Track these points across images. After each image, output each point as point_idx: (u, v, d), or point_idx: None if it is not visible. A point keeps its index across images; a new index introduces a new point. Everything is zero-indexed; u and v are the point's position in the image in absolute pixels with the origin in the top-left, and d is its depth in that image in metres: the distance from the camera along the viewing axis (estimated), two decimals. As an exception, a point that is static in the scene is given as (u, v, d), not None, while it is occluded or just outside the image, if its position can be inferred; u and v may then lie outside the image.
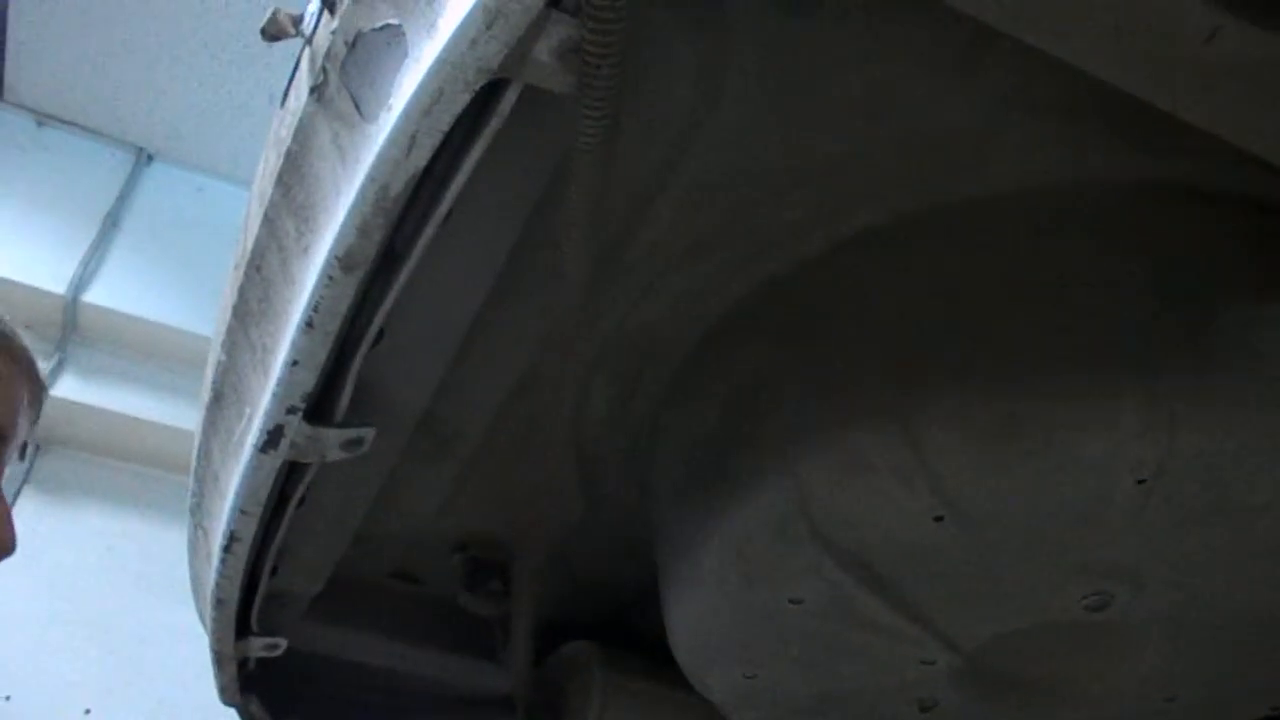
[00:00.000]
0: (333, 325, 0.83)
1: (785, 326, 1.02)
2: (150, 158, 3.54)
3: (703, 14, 0.80)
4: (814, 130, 0.90)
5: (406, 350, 0.94)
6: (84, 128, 3.49)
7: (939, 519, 0.90)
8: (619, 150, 0.88)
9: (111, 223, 3.32)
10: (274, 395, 0.91)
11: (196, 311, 3.20)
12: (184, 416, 3.34)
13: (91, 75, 3.32)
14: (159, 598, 3.12)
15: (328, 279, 0.80)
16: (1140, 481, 0.86)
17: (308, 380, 0.88)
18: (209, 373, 1.16)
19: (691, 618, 1.10)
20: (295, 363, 0.87)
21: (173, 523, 3.31)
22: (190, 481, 1.30)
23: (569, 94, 0.66)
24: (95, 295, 3.17)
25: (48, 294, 3.03)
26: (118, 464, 3.28)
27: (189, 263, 3.32)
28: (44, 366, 3.10)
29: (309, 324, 0.84)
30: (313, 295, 0.82)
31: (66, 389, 3.09)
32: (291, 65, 0.93)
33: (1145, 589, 0.97)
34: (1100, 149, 0.90)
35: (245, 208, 1.06)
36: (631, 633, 1.50)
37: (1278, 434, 0.85)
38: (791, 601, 1.01)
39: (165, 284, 3.29)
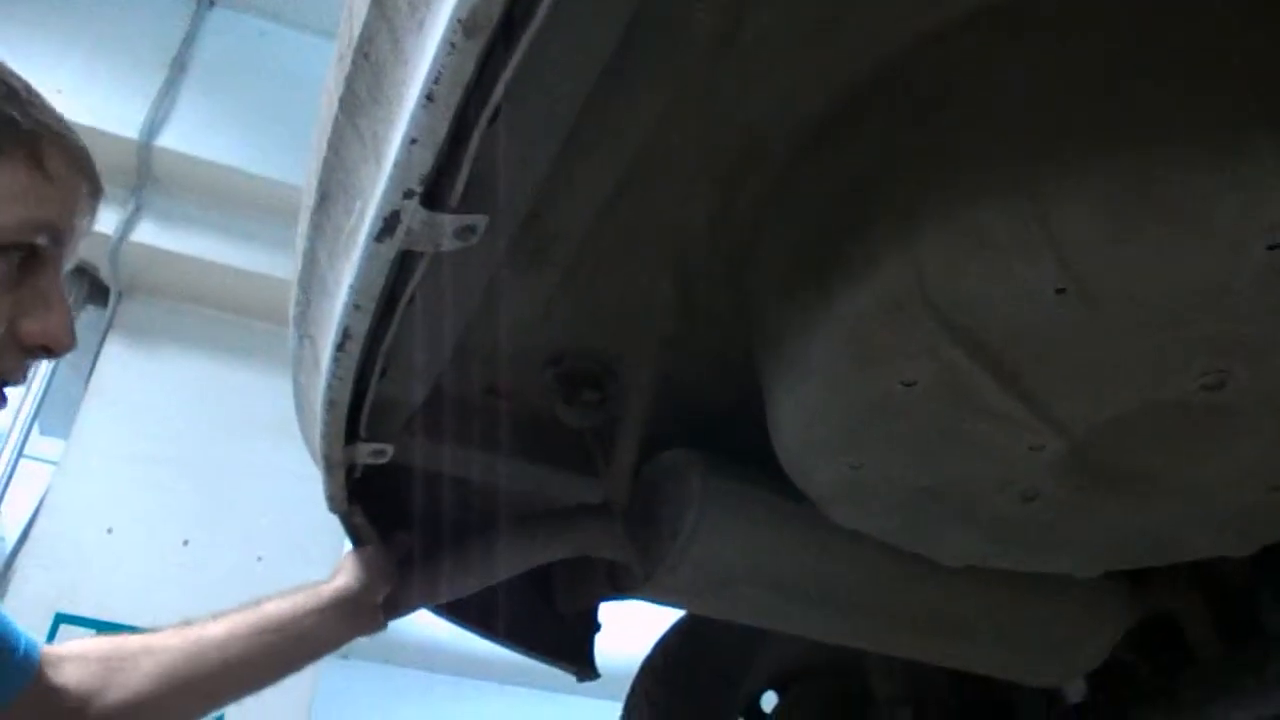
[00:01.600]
0: (454, 97, 0.82)
1: (902, 111, 1.00)
2: (212, 1, 3.51)
3: None
4: None
5: (520, 132, 0.93)
6: (146, -29, 3.46)
7: (1061, 291, 0.89)
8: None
9: (179, 67, 3.31)
10: (390, 179, 0.91)
11: (268, 156, 3.21)
12: (259, 261, 3.41)
13: (150, -84, 3.27)
14: (244, 438, 3.23)
15: (449, 46, 0.79)
16: (1273, 246, 0.84)
17: (426, 159, 0.88)
18: (311, 178, 1.16)
19: (799, 408, 1.11)
20: (414, 141, 0.86)
21: (250, 366, 3.41)
22: (294, 291, 1.31)
23: None
24: (168, 140, 3.19)
25: (121, 139, 3.05)
26: (197, 309, 3.35)
27: (256, 108, 3.32)
28: (120, 213, 3.16)
29: (429, 97, 0.83)
30: (434, 66, 0.81)
31: (144, 234, 3.14)
32: None
33: (1265, 367, 0.96)
34: None
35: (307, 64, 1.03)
36: (729, 441, 1.51)
37: None
38: (904, 384, 1.01)
39: (235, 128, 3.30)
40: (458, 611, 1.75)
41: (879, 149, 1.01)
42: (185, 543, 3.08)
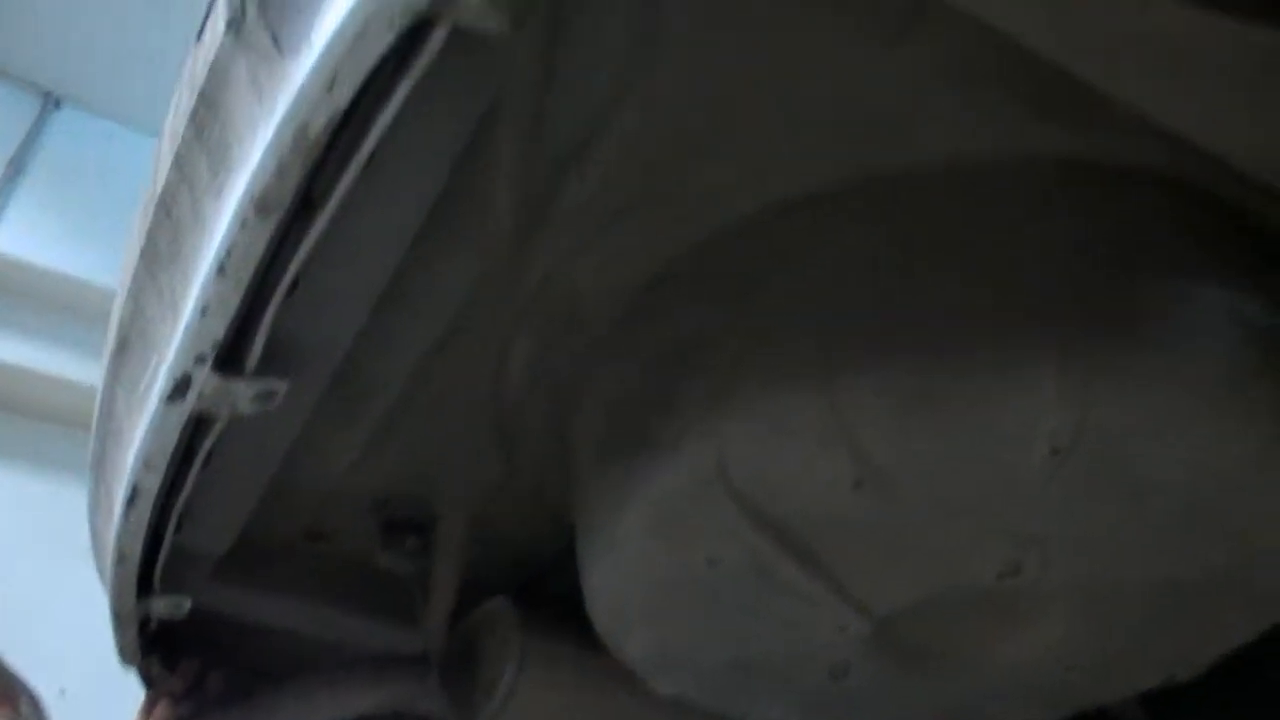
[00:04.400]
0: (246, 271, 0.80)
1: (712, 289, 1.01)
2: (58, 102, 3.41)
3: None
4: (745, 95, 0.89)
5: (324, 300, 0.91)
6: (-12, 68, 3.35)
7: (858, 484, 0.91)
8: (549, 106, 0.86)
9: (16, 169, 3.19)
10: (182, 343, 0.88)
11: (104, 263, 3.09)
12: (89, 372, 3.23)
13: (-3, 14, 3.19)
14: (54, 558, 3.03)
15: (241, 222, 0.77)
16: (1054, 452, 0.87)
17: (218, 328, 0.85)
18: (114, 321, 1.12)
19: (609, 579, 1.10)
20: (205, 309, 0.84)
21: (73, 481, 3.22)
22: (92, 436, 1.26)
23: (501, 36, 0.64)
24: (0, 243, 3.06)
25: (-54, 240, 2.92)
26: (21, 420, 3.18)
27: (97, 212, 3.21)
28: (-59, 315, 2.99)
29: (221, 269, 0.81)
30: (225, 239, 0.79)
31: (-35, 339, 2.98)
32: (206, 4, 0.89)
33: (1054, 558, 0.99)
34: (1028, 122, 0.90)
35: (156, 150, 1.02)
36: (550, 595, 1.49)
37: (1185, 411, 0.87)
38: (708, 563, 1.01)
39: (72, 233, 3.18)
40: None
41: (689, 327, 1.02)
42: (-19, 672, 2.86)
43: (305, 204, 0.78)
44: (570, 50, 0.82)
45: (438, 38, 0.65)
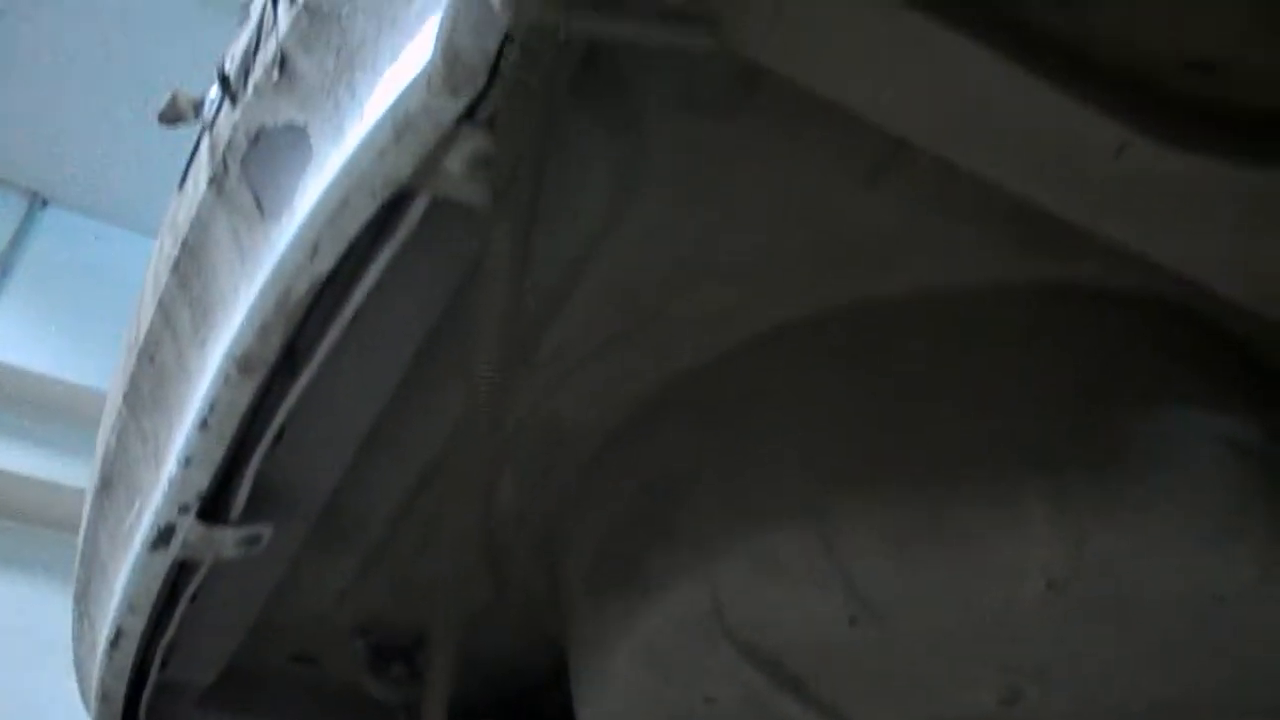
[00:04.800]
0: (229, 426, 0.79)
1: (699, 421, 1.01)
2: (45, 202, 3.42)
3: (617, 116, 0.79)
4: (727, 230, 0.90)
5: (307, 449, 0.90)
6: (-27, 170, 3.37)
7: (853, 621, 0.89)
8: (533, 251, 0.87)
9: (2, 270, 3.19)
10: (166, 493, 0.87)
11: (92, 365, 3.08)
12: (79, 475, 3.20)
13: (-17, 117, 3.21)
14: (47, 664, 2.97)
15: (224, 379, 0.77)
16: (1050, 585, 0.86)
17: (202, 479, 0.84)
18: (98, 457, 1.11)
19: (603, 717, 1.07)
20: (189, 461, 0.83)
21: (64, 586, 3.17)
22: (76, 567, 1.24)
23: (482, 208, 0.65)
24: (-16, 347, 3.05)
25: (-69, 346, 2.91)
26: (8, 524, 3.13)
27: (85, 313, 3.20)
28: (-75, 421, 2.96)
29: (204, 424, 0.80)
30: (208, 395, 0.78)
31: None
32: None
33: (1053, 685, 0.98)
34: (1011, 253, 0.91)
35: (144, 266, 1.01)
36: (541, 714, 1.46)
37: (1180, 536, 0.86)
38: (705, 701, 0.99)
39: (59, 335, 3.17)
40: None
41: (679, 456, 1.01)
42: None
43: (288, 359, 0.78)
44: (554, 199, 0.82)
45: (418, 207, 0.65)
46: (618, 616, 0.99)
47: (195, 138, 0.89)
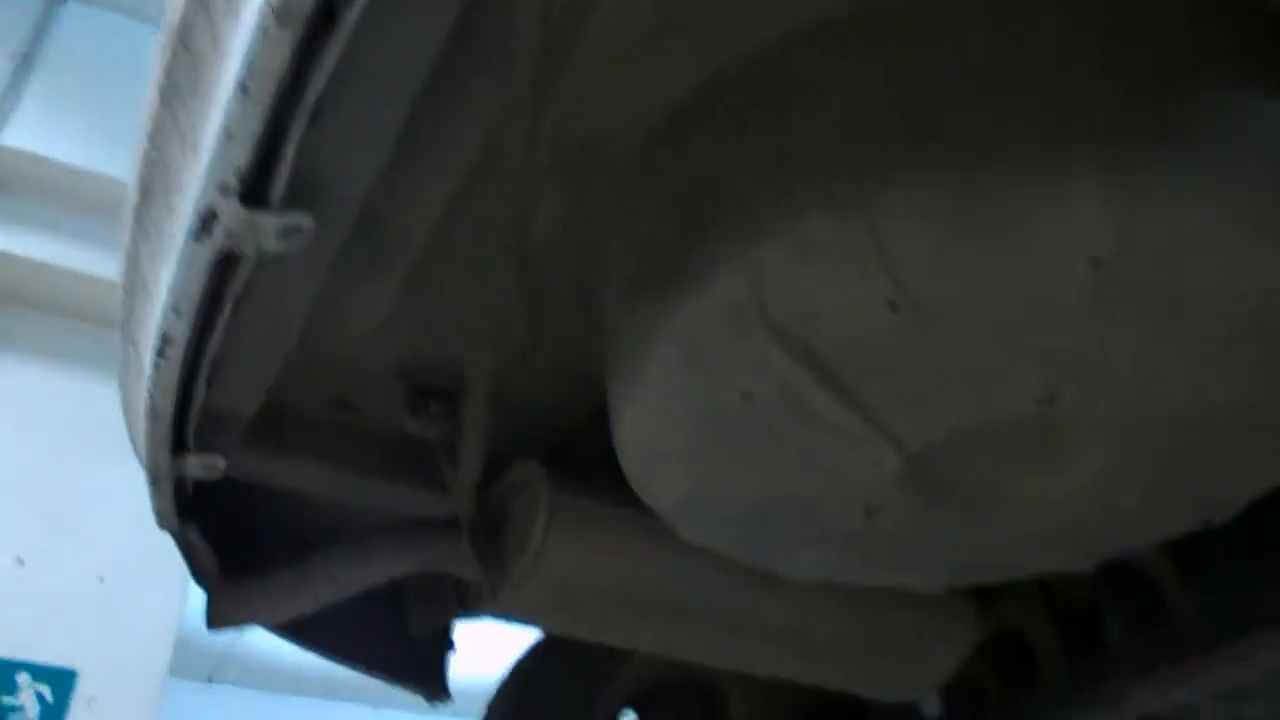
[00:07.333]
0: (268, 88, 0.78)
1: (740, 119, 0.99)
2: (63, -5, 3.36)
3: None
4: None
5: (347, 129, 0.89)
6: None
7: (893, 306, 0.89)
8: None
9: (25, 63, 3.15)
10: (206, 174, 0.87)
11: (119, 156, 3.07)
12: (107, 266, 3.24)
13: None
14: (87, 451, 3.07)
15: (262, 34, 0.75)
16: (1096, 263, 0.85)
17: (241, 154, 0.83)
18: (134, 171, 1.10)
19: (641, 420, 1.09)
20: (228, 133, 0.82)
21: (97, 376, 3.24)
22: (120, 296, 1.25)
23: None
24: (12, 138, 3.03)
25: (-40, 136, 2.90)
26: (42, 317, 3.18)
27: (108, 106, 3.18)
28: (-42, 212, 2.98)
29: (243, 88, 0.79)
30: (247, 55, 0.77)
31: (-13, 237, 2.98)
32: None
33: (1092, 386, 0.98)
34: None
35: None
36: (578, 458, 1.49)
37: (1232, 216, 0.85)
38: (742, 397, 1.00)
39: (84, 127, 3.15)
40: (300, 631, 1.69)
41: (719, 156, 1.00)
42: (20, 561, 2.91)
43: (326, 18, 0.76)
44: None
45: None
46: (656, 313, 1.00)
47: None
